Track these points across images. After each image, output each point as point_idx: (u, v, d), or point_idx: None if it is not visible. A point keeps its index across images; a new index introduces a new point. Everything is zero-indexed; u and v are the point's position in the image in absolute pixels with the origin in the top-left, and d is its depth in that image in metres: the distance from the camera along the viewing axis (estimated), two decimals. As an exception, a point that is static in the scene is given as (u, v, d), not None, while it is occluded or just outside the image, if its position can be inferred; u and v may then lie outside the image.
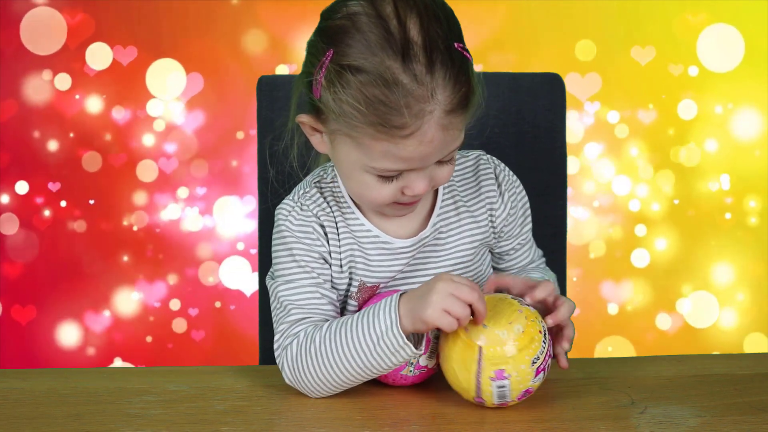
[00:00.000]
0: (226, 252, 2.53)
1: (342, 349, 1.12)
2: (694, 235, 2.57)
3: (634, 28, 2.50)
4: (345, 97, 1.07)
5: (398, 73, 1.05)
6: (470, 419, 1.10)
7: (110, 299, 2.52)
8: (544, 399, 1.14)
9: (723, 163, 2.54)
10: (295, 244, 1.21)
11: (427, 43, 1.06)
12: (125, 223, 2.51)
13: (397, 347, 1.10)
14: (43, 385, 1.21)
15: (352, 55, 1.06)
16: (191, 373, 1.26)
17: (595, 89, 2.50)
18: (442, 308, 1.08)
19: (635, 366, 1.26)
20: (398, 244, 1.23)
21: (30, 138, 2.47)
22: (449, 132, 1.08)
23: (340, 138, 1.12)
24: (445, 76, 1.06)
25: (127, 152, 2.49)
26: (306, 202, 1.22)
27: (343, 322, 1.14)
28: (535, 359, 1.09)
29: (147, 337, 2.54)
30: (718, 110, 2.52)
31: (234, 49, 2.47)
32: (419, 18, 1.06)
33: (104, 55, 2.46)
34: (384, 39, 1.05)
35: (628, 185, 2.54)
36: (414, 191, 1.13)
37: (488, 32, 2.48)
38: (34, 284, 2.52)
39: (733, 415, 1.10)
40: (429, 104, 1.06)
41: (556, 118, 1.55)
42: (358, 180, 1.14)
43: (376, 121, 1.06)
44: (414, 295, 1.11)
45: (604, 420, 1.08)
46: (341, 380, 1.14)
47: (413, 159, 1.09)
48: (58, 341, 2.52)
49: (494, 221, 1.27)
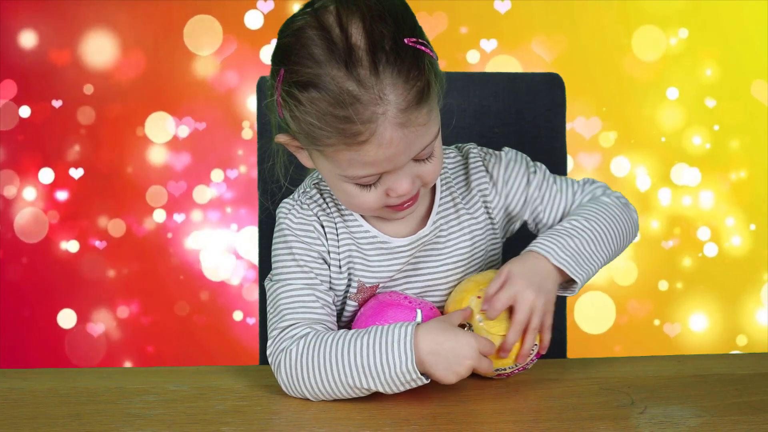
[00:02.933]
0: (226, 252, 2.54)
1: (350, 369, 1.12)
2: (695, 235, 2.57)
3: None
4: (300, 115, 1.08)
5: (343, 81, 1.04)
6: (470, 419, 1.09)
7: (111, 300, 2.53)
8: (545, 399, 1.14)
9: (720, 162, 2.55)
10: (294, 243, 1.21)
11: (370, 45, 1.05)
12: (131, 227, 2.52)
13: (410, 380, 1.11)
14: (43, 385, 1.21)
15: (299, 71, 1.07)
16: (191, 373, 1.26)
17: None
18: (457, 374, 1.11)
19: (635, 366, 1.26)
20: (396, 243, 1.23)
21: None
22: (411, 129, 1.07)
23: (313, 153, 1.13)
24: (392, 75, 1.05)
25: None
26: (306, 201, 1.23)
27: (351, 340, 1.13)
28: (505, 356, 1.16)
29: (147, 337, 2.54)
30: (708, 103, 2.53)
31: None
32: (362, 21, 1.06)
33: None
34: (327, 50, 1.05)
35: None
36: (397, 192, 1.12)
37: (489, 32, 2.48)
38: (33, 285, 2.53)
39: (733, 415, 1.09)
40: (379, 106, 1.05)
41: (556, 118, 1.55)
42: (341, 190, 1.15)
43: (332, 133, 1.06)
44: (437, 347, 1.11)
45: (604, 420, 1.08)
46: (341, 394, 1.14)
47: (380, 162, 1.09)
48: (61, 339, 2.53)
49: (491, 213, 1.27)
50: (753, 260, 2.56)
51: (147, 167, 2.51)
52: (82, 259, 2.52)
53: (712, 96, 2.52)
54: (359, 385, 1.12)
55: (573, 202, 1.28)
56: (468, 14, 2.42)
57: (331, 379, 1.13)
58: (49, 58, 2.48)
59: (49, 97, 2.48)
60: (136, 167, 2.51)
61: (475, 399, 1.15)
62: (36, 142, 2.49)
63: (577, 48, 2.50)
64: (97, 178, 2.50)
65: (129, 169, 2.50)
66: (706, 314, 2.57)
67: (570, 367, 1.26)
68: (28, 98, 2.48)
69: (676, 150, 2.54)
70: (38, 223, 2.51)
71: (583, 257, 1.19)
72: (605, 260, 1.22)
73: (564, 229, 1.20)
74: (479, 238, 1.27)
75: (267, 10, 2.49)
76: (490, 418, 1.10)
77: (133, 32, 2.49)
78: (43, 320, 2.53)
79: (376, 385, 1.12)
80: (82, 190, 2.51)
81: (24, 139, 2.48)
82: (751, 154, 2.54)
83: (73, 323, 2.53)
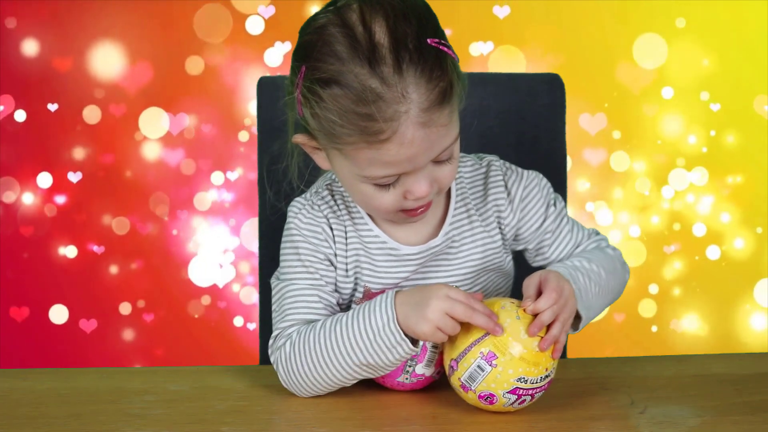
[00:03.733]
0: (226, 252, 2.54)
1: (338, 345, 1.12)
2: (693, 234, 2.57)
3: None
4: (321, 112, 1.07)
5: (366, 79, 1.04)
6: (470, 419, 1.09)
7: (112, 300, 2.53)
8: (544, 399, 1.13)
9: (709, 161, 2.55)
10: (301, 243, 1.21)
11: (394, 43, 1.05)
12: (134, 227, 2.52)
13: (394, 343, 1.10)
14: (43, 385, 1.21)
15: (322, 68, 1.06)
16: (191, 373, 1.26)
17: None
18: (436, 326, 1.08)
19: (635, 366, 1.26)
20: (405, 251, 1.22)
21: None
22: (432, 129, 1.07)
23: (332, 152, 1.12)
24: (416, 73, 1.05)
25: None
26: (318, 202, 1.22)
27: (338, 319, 1.14)
28: (521, 378, 1.07)
29: (147, 336, 2.54)
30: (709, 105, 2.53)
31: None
32: (386, 20, 1.06)
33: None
34: (351, 47, 1.05)
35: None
36: (415, 194, 1.11)
37: (489, 32, 2.48)
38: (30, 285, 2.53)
39: (733, 415, 1.09)
40: (402, 105, 1.04)
41: (556, 118, 1.55)
42: (358, 191, 1.14)
43: (353, 130, 1.06)
44: (410, 300, 1.11)
45: (604, 420, 1.08)
46: (336, 377, 1.14)
47: (400, 162, 1.08)
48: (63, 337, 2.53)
49: (503, 229, 1.25)
50: (753, 262, 2.56)
51: (146, 168, 2.51)
52: (82, 260, 2.52)
53: (712, 97, 2.52)
54: (350, 362, 1.12)
55: (578, 246, 1.28)
56: (468, 14, 2.42)
57: (323, 360, 1.13)
58: (53, 65, 2.48)
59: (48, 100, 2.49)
60: (136, 169, 2.51)
61: (475, 399, 1.15)
62: (36, 145, 2.49)
63: (578, 48, 2.50)
64: (96, 181, 2.50)
65: (128, 172, 2.50)
66: (706, 315, 2.58)
67: (570, 367, 1.26)
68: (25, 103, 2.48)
69: (675, 152, 2.54)
70: (37, 225, 2.51)
71: (589, 298, 1.18)
72: (599, 310, 1.22)
73: (582, 267, 1.20)
74: (491, 252, 1.25)
75: (268, 15, 2.49)
76: (490, 418, 1.10)
77: (134, 33, 2.49)
78: (42, 320, 2.53)
79: (365, 355, 1.11)
80: (80, 192, 2.50)
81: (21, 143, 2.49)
82: (751, 155, 2.54)
83: (72, 324, 2.53)
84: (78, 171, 2.49)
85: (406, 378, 1.16)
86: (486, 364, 1.07)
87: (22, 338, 2.52)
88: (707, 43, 2.51)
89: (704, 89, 2.52)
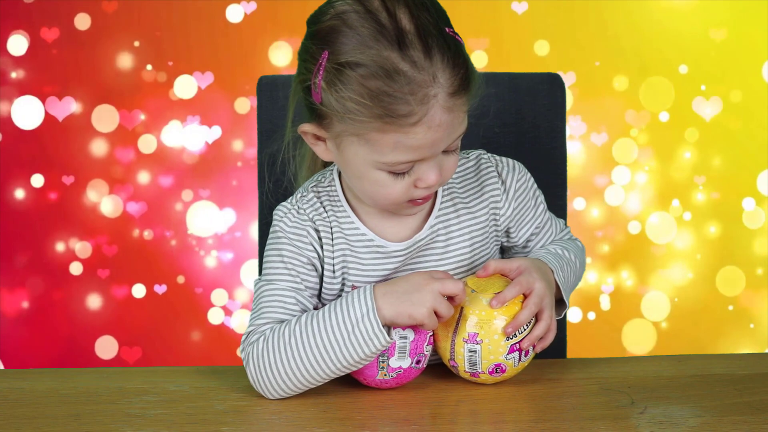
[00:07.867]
0: (226, 253, 2.54)
1: (313, 339, 1.12)
2: (694, 234, 2.57)
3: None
4: (348, 94, 1.07)
5: (397, 61, 1.05)
6: (470, 419, 1.10)
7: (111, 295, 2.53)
8: (544, 399, 1.14)
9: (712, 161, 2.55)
10: (285, 246, 1.21)
11: (420, 30, 1.07)
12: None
13: (371, 335, 1.10)
14: (43, 385, 1.21)
15: (348, 51, 1.07)
16: (191, 373, 1.26)
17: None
18: (433, 308, 1.11)
19: (635, 366, 1.26)
20: (392, 248, 1.22)
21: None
22: (455, 114, 1.09)
23: (347, 139, 1.12)
24: (443, 60, 1.07)
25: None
26: (303, 206, 1.22)
27: (314, 313, 1.14)
28: (511, 335, 1.13)
29: (147, 338, 2.54)
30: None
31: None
32: (407, 8, 1.08)
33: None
34: (377, 31, 1.06)
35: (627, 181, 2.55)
36: (427, 182, 1.13)
37: (489, 32, 2.48)
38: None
39: (733, 415, 1.09)
40: (432, 88, 1.06)
41: (556, 118, 1.55)
42: (370, 179, 1.14)
43: (382, 113, 1.06)
44: (395, 289, 1.12)
45: (604, 420, 1.08)
46: (309, 375, 1.13)
47: (424, 147, 1.09)
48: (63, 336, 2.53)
49: (498, 220, 1.27)
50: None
51: (145, 168, 2.51)
52: (81, 261, 2.52)
53: (711, 97, 2.53)
54: (325, 357, 1.12)
55: (556, 236, 1.32)
56: (468, 15, 2.42)
57: (297, 356, 1.13)
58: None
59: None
60: (135, 170, 2.51)
61: (475, 399, 1.15)
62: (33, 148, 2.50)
63: (578, 48, 2.51)
64: (95, 182, 2.50)
65: (127, 173, 2.50)
66: (704, 317, 2.58)
67: (570, 367, 1.26)
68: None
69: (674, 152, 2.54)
70: (36, 226, 2.51)
71: (568, 286, 1.25)
72: (567, 299, 1.25)
73: (562, 257, 1.25)
74: (479, 245, 1.26)
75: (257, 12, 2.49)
76: (490, 418, 1.10)
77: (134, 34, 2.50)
78: (42, 320, 2.53)
79: (341, 349, 1.11)
80: (78, 193, 2.51)
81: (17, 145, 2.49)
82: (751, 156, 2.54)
83: (71, 323, 2.53)
84: (71, 175, 2.50)
85: (384, 375, 1.16)
86: (474, 344, 1.13)
87: (21, 338, 2.53)
88: (709, 42, 2.52)
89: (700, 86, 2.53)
